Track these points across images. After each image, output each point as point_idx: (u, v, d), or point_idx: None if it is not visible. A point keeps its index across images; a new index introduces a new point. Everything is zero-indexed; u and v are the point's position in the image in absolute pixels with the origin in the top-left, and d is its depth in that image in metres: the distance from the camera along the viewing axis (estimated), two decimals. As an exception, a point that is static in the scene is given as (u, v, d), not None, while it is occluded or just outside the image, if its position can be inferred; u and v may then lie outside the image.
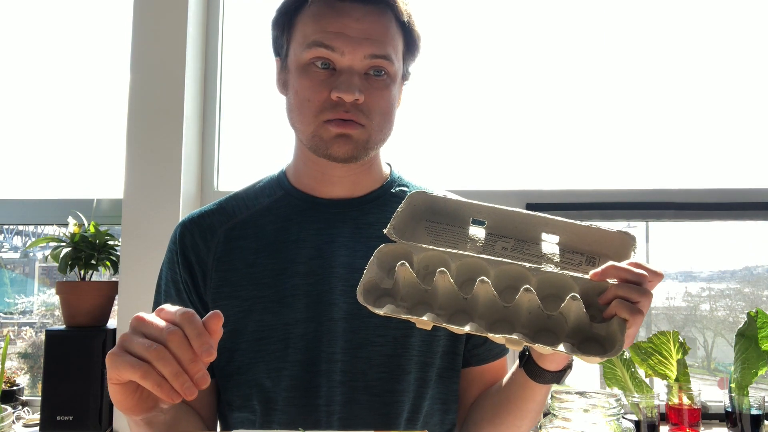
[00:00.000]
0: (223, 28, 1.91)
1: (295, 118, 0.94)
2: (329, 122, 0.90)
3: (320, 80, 0.90)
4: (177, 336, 0.64)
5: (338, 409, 0.92)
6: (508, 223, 0.85)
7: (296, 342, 0.93)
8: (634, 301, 0.71)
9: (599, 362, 0.70)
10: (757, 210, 1.77)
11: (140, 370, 0.63)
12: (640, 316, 0.70)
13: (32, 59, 2.06)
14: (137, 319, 0.68)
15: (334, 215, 0.99)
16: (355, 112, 0.90)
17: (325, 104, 0.89)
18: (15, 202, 1.90)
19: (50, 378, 1.53)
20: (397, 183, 1.05)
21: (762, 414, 1.33)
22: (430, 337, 0.95)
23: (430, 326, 0.73)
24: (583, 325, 0.73)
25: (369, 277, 0.78)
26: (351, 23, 0.88)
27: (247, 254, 0.97)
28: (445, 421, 1.00)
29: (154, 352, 0.63)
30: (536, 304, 0.72)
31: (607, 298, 0.73)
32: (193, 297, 0.98)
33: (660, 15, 1.93)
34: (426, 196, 0.88)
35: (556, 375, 0.86)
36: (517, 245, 0.84)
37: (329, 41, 0.88)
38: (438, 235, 0.86)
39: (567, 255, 0.83)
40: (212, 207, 1.03)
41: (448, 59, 1.93)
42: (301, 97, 0.91)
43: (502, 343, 0.72)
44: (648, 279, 0.73)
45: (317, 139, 0.92)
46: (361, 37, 0.88)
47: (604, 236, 0.82)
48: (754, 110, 1.90)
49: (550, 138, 1.91)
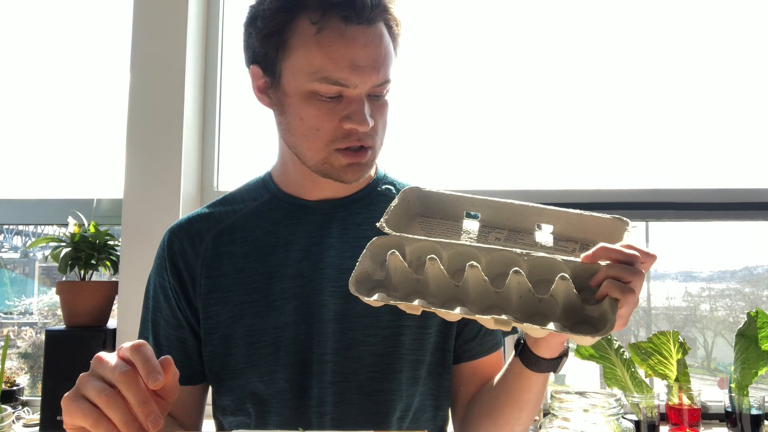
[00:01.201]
0: (223, 28, 1.91)
1: (300, 144, 0.92)
2: (340, 151, 0.89)
3: (328, 109, 0.88)
4: (126, 377, 0.65)
5: (330, 410, 0.92)
6: (501, 214, 0.85)
7: (287, 345, 0.93)
8: (626, 281, 0.70)
9: (591, 342, 0.70)
10: (757, 210, 1.77)
11: (91, 418, 0.64)
12: (632, 294, 0.69)
13: (32, 59, 2.06)
14: (96, 359, 0.68)
15: (322, 217, 0.99)
16: (365, 138, 0.90)
17: (337, 134, 0.89)
18: (15, 202, 1.90)
19: (50, 378, 1.53)
20: (383, 181, 1.05)
21: (762, 414, 1.33)
22: (420, 334, 0.95)
23: (419, 311, 0.73)
24: (574, 307, 0.72)
25: (361, 269, 0.78)
26: (359, 51, 0.85)
27: (235, 259, 0.97)
28: (437, 418, 1.00)
29: (104, 398, 0.64)
30: (526, 287, 0.72)
31: (598, 279, 0.72)
32: (182, 303, 0.98)
33: (660, 15, 1.93)
34: (420, 191, 0.88)
35: (551, 363, 0.84)
36: (510, 235, 0.84)
37: (344, 78, 0.85)
38: (432, 229, 0.86)
39: (561, 243, 0.83)
40: (200, 212, 1.03)
41: (446, 58, 1.93)
42: (308, 125, 0.89)
43: (492, 327, 0.71)
44: (640, 260, 0.72)
45: (327, 166, 0.91)
46: (369, 66, 0.86)
47: (597, 222, 0.82)
48: (754, 110, 1.90)
49: (550, 138, 1.91)
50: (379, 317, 0.93)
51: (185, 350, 0.98)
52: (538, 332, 0.70)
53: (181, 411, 0.98)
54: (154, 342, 0.99)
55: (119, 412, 0.64)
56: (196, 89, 1.83)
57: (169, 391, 0.70)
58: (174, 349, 0.98)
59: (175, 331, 0.98)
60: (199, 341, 0.98)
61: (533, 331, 0.69)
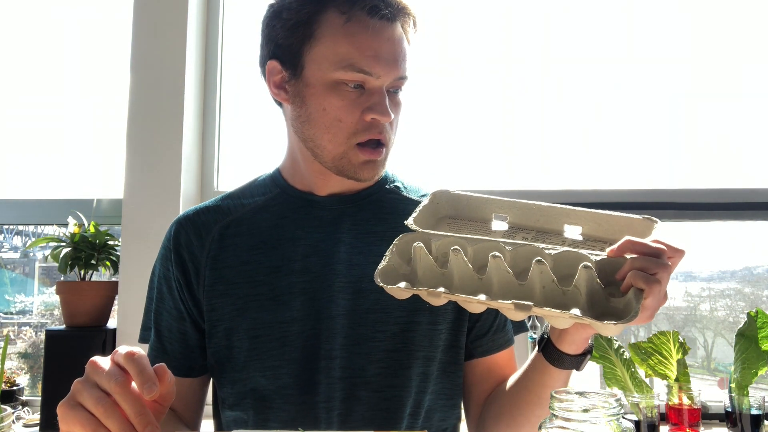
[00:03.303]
0: (223, 29, 1.91)
1: (321, 136, 0.92)
2: (360, 146, 0.91)
3: (352, 100, 0.90)
4: (122, 387, 0.66)
5: (338, 405, 0.91)
6: (529, 216, 0.86)
7: (293, 340, 0.93)
8: (652, 273, 0.70)
9: (615, 332, 0.69)
10: (757, 210, 1.77)
11: (89, 427, 0.65)
12: (657, 285, 0.69)
13: (32, 59, 2.06)
14: (91, 364, 0.69)
15: (331, 213, 0.99)
16: (384, 131, 0.92)
17: (359, 126, 0.90)
18: (15, 202, 1.90)
19: (50, 378, 1.53)
20: (391, 180, 1.06)
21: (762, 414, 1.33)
22: (431, 331, 0.95)
23: (442, 300, 0.73)
24: (599, 299, 0.72)
25: (388, 263, 0.79)
26: (384, 44, 0.89)
27: (241, 252, 0.97)
28: (450, 416, 0.99)
29: (101, 408, 0.65)
30: (550, 277, 0.72)
31: (624, 271, 0.72)
32: (185, 295, 0.98)
33: (659, 15, 1.93)
34: (449, 194, 0.89)
35: (575, 359, 0.84)
36: (537, 236, 0.84)
37: (369, 67, 0.88)
38: (459, 230, 0.87)
39: (589, 243, 0.82)
40: (208, 204, 1.04)
41: (448, 58, 1.93)
42: (331, 116, 0.90)
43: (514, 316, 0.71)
44: (667, 253, 0.72)
45: (345, 162, 0.92)
46: (392, 59, 0.90)
47: (627, 222, 0.81)
48: (754, 110, 1.90)
49: (550, 137, 1.91)
50: (389, 313, 0.93)
51: (186, 342, 0.98)
52: (561, 320, 0.70)
53: (180, 404, 0.98)
54: (156, 333, 0.99)
55: (116, 422, 0.65)
56: (196, 89, 1.83)
57: (166, 397, 0.71)
58: (175, 341, 0.98)
59: (176, 323, 0.98)
60: (201, 334, 0.98)
61: (556, 319, 0.69)
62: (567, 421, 0.60)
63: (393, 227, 0.97)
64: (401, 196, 1.03)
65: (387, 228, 0.98)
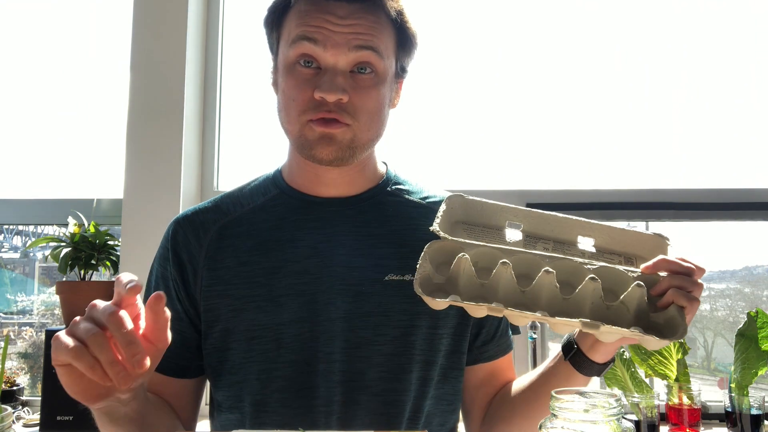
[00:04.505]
0: (223, 28, 1.91)
1: (283, 118, 0.94)
2: (313, 122, 0.89)
3: (304, 79, 0.89)
4: (115, 317, 0.66)
5: (337, 409, 0.91)
6: (544, 226, 0.87)
7: (289, 342, 0.91)
8: (689, 290, 0.76)
9: (657, 346, 0.73)
10: (757, 210, 1.77)
11: (74, 352, 0.65)
12: (697, 303, 0.75)
13: (32, 59, 2.06)
14: (90, 305, 0.70)
15: (330, 214, 0.98)
16: (339, 111, 0.88)
17: (309, 104, 0.89)
18: (15, 202, 1.90)
19: (50, 378, 1.53)
20: (393, 182, 1.04)
21: (762, 414, 1.33)
22: (432, 335, 0.95)
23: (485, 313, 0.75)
24: (643, 314, 0.76)
25: (423, 272, 0.79)
26: (334, 19, 0.88)
27: (239, 252, 0.96)
28: (449, 421, 0.99)
29: (91, 337, 0.66)
30: (599, 294, 0.75)
31: (661, 288, 0.77)
32: (182, 294, 0.97)
33: (660, 14, 1.93)
34: (463, 199, 0.89)
35: (602, 367, 0.88)
36: (556, 246, 0.86)
37: (311, 34, 0.87)
38: (476, 237, 0.87)
39: (606, 255, 0.86)
40: (207, 204, 1.03)
41: (448, 58, 1.93)
42: (287, 96, 0.91)
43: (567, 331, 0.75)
44: (696, 272, 0.78)
45: (303, 140, 0.91)
46: (346, 32, 0.87)
47: (638, 238, 0.85)
48: (754, 110, 1.90)
49: (550, 138, 1.91)
50: (390, 317, 0.92)
51: (182, 343, 0.96)
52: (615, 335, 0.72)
53: (176, 403, 0.97)
54: None
55: (104, 351, 0.65)
56: (196, 89, 1.83)
57: (159, 336, 0.71)
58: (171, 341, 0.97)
59: (173, 323, 0.97)
60: (197, 334, 0.97)
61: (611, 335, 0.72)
62: (567, 421, 0.60)
63: (395, 230, 0.97)
64: (404, 199, 1.02)
65: (389, 231, 0.97)
